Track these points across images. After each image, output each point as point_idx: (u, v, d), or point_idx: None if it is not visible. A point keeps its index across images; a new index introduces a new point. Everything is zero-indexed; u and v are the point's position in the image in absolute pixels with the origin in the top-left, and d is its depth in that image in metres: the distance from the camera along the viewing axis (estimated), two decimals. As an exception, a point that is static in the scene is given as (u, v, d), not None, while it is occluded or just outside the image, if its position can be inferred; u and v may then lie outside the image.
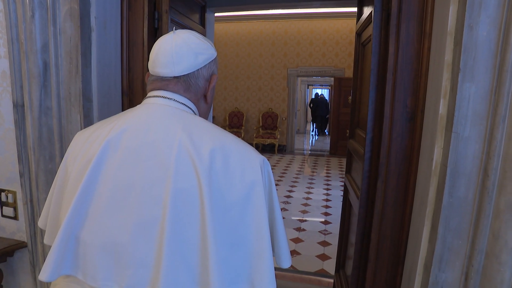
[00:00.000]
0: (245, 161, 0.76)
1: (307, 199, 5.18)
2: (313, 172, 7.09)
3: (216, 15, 3.58)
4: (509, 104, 0.97)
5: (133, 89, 1.72)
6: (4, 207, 1.74)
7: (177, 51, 0.83)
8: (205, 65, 0.87)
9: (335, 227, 3.92)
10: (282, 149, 9.05)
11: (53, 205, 0.86)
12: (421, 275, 1.21)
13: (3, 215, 1.75)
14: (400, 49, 1.32)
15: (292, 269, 3.02)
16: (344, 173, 2.40)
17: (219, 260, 0.71)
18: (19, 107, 1.58)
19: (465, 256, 1.08)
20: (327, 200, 5.15)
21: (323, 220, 4.31)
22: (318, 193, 5.49)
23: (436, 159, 1.14)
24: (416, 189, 1.34)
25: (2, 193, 1.72)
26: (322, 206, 4.86)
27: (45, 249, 1.65)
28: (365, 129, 1.52)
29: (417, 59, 1.31)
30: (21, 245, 1.71)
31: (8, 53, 1.56)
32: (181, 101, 0.84)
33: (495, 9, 0.95)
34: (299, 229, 3.98)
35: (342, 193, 2.71)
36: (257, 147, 8.79)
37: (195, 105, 0.88)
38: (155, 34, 1.72)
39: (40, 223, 0.93)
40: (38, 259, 1.69)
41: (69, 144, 1.56)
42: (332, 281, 2.66)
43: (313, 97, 14.57)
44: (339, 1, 4.76)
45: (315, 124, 14.28)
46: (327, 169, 7.36)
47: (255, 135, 8.74)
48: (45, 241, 0.89)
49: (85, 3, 1.46)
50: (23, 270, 1.78)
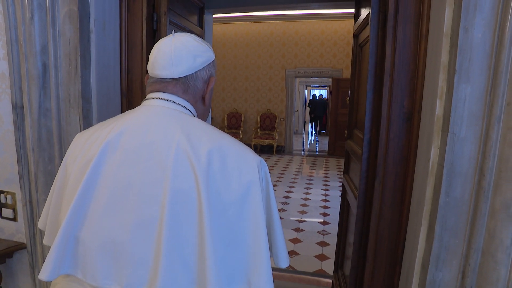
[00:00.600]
0: (242, 162, 0.77)
1: (306, 199, 5.19)
2: (311, 172, 7.10)
3: (214, 16, 3.59)
4: (504, 104, 0.98)
5: (132, 91, 1.72)
6: (3, 209, 1.74)
7: (176, 53, 0.84)
8: (204, 67, 0.88)
9: (333, 228, 3.93)
10: (280, 150, 9.06)
11: (53, 205, 0.87)
12: (419, 274, 1.22)
13: (2, 217, 1.75)
14: (397, 51, 1.33)
15: (290, 270, 3.03)
16: (342, 173, 2.41)
17: (217, 260, 0.71)
18: (18, 109, 1.58)
19: (462, 255, 1.09)
20: (326, 200, 5.16)
21: (321, 220, 4.33)
22: (316, 194, 5.50)
23: (432, 159, 1.15)
24: (413, 189, 1.35)
25: (1, 195, 1.72)
26: (320, 206, 4.88)
27: (45, 251, 1.65)
28: (363, 130, 1.53)
29: (414, 61, 1.32)
30: (20, 247, 1.71)
31: (7, 55, 1.57)
32: (179, 103, 0.85)
33: (490, 12, 0.97)
34: (297, 230, 3.99)
35: (340, 193, 2.72)
36: (256, 148, 8.80)
37: (193, 106, 0.89)
38: (153, 35, 1.73)
39: (39, 224, 0.93)
40: (37, 261, 1.69)
41: (69, 145, 1.56)
42: (330, 281, 2.67)
43: (311, 98, 14.63)
44: (336, 2, 4.78)
45: (313, 124, 14.34)
46: (325, 170, 7.37)
47: (253, 136, 8.75)
48: (45, 242, 0.89)
49: (84, 5, 1.47)
50: (22, 271, 1.78)
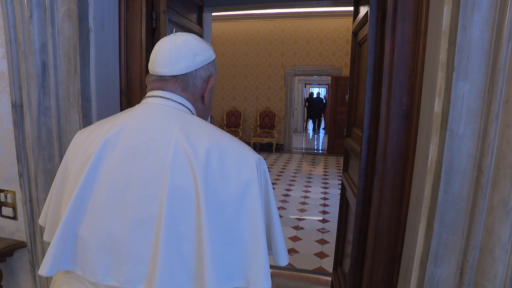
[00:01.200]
0: (241, 160, 0.77)
1: (305, 197, 5.20)
2: (310, 170, 7.11)
3: (213, 14, 3.59)
4: (502, 102, 0.99)
5: (131, 89, 1.72)
6: (3, 207, 1.74)
7: (176, 51, 0.85)
8: (203, 66, 0.89)
9: (333, 225, 3.95)
10: (279, 148, 9.07)
11: (53, 202, 0.88)
12: (417, 271, 1.22)
13: (2, 215, 1.76)
14: (395, 49, 1.33)
15: (290, 267, 3.04)
16: (341, 171, 2.42)
17: (215, 257, 0.72)
18: (17, 108, 1.58)
19: (460, 251, 1.10)
20: (325, 198, 5.17)
21: (321, 218, 4.34)
22: (316, 192, 5.51)
23: (431, 156, 1.16)
24: (412, 186, 1.35)
25: (1, 193, 1.73)
26: (320, 204, 4.89)
27: (44, 249, 1.66)
28: (362, 128, 1.54)
29: (413, 59, 1.33)
30: (21, 245, 1.72)
31: (6, 54, 1.57)
32: (178, 101, 0.85)
33: (488, 10, 0.97)
34: (297, 228, 4.00)
35: (339, 191, 2.73)
36: (255, 146, 8.80)
37: (192, 105, 0.89)
38: (153, 34, 1.73)
39: (40, 221, 0.94)
40: (37, 259, 1.70)
41: (68, 144, 1.56)
42: (330, 279, 2.68)
43: (307, 96, 14.60)
44: (335, 0, 4.78)
45: (313, 122, 14.39)
46: (324, 168, 7.38)
47: (252, 134, 8.75)
48: (45, 238, 0.90)
49: (83, 4, 1.47)
50: (22, 270, 1.78)
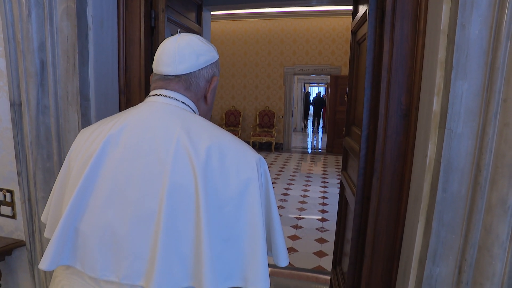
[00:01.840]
0: (241, 159, 0.78)
1: (304, 196, 5.20)
2: (310, 170, 7.12)
3: (212, 13, 3.58)
4: (501, 101, 0.99)
5: (130, 88, 1.72)
6: (2, 206, 1.74)
7: (180, 51, 0.87)
8: (206, 66, 0.90)
9: (332, 224, 3.95)
10: (279, 147, 9.07)
11: (55, 199, 0.89)
12: (416, 269, 1.23)
13: (1, 214, 1.76)
14: (394, 47, 1.33)
15: (289, 266, 3.04)
16: (340, 170, 2.42)
17: (213, 255, 0.72)
18: (16, 106, 1.58)
19: (459, 250, 1.10)
20: (324, 197, 5.18)
21: (320, 217, 4.34)
22: (315, 191, 5.52)
23: (430, 155, 1.16)
24: (410, 185, 1.36)
25: (0, 192, 1.73)
26: (319, 203, 4.89)
27: (43, 247, 1.66)
28: (361, 127, 1.54)
29: (411, 57, 1.33)
30: (20, 244, 1.72)
31: (4, 52, 1.56)
32: (181, 100, 0.87)
33: (487, 9, 0.97)
34: (296, 227, 4.00)
35: (339, 190, 2.74)
36: (254, 145, 8.80)
37: (195, 104, 0.90)
38: (151, 32, 1.72)
39: (42, 218, 0.95)
40: (36, 258, 1.70)
41: (67, 142, 1.56)
42: (329, 277, 2.69)
43: (310, 96, 14.76)
44: (335, -1, 4.78)
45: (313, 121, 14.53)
46: (324, 167, 7.39)
47: (252, 134, 8.75)
48: (46, 235, 0.91)
49: (81, 2, 1.47)
50: (21, 268, 1.78)
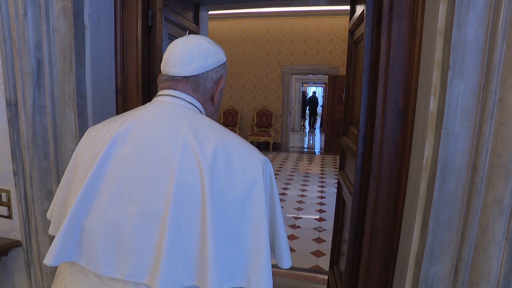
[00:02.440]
0: (247, 160, 0.79)
1: (302, 196, 5.21)
2: (307, 169, 7.12)
3: (210, 13, 3.57)
4: (497, 100, 0.99)
5: (127, 87, 1.72)
6: (-2, 206, 1.73)
7: (189, 52, 0.88)
8: (214, 68, 0.92)
9: (329, 224, 3.96)
10: (276, 147, 9.07)
11: (60, 196, 0.89)
12: (413, 269, 1.23)
13: (-3, 214, 1.75)
14: (391, 47, 1.34)
15: (287, 266, 3.04)
16: (338, 170, 2.43)
17: (217, 255, 0.73)
18: (12, 106, 1.57)
19: (455, 249, 1.11)
20: (322, 197, 5.19)
21: (317, 217, 4.35)
22: (312, 191, 5.52)
23: (426, 155, 1.16)
24: (407, 185, 1.36)
25: (-5, 192, 1.72)
26: (316, 203, 4.90)
27: (40, 248, 1.65)
28: (358, 126, 1.54)
29: (408, 57, 1.33)
30: (16, 244, 1.71)
31: (0, 52, 1.55)
32: (188, 100, 0.88)
33: (483, 9, 0.97)
34: (294, 226, 4.01)
35: (336, 190, 2.75)
36: (252, 145, 8.79)
37: (202, 105, 0.92)
38: (149, 32, 1.72)
39: (48, 214, 0.95)
40: (33, 258, 1.69)
41: (64, 142, 1.56)
42: (326, 277, 2.69)
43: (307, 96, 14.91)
44: (332, -1, 4.79)
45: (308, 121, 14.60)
46: (321, 167, 7.40)
47: (249, 133, 8.75)
48: (50, 231, 0.91)
49: (78, 1, 1.46)
50: (17, 269, 1.77)
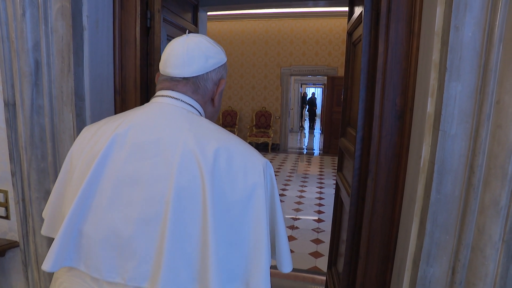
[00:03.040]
0: (248, 163, 0.78)
1: (300, 197, 5.21)
2: (306, 170, 7.13)
3: (208, 14, 3.58)
4: (494, 102, 1.00)
5: (125, 88, 1.72)
6: (-5, 207, 1.73)
7: (189, 53, 0.85)
8: (215, 69, 0.89)
9: (328, 225, 3.96)
10: (275, 148, 9.08)
11: (55, 197, 0.87)
12: (410, 270, 1.23)
13: (-6, 215, 1.74)
14: (389, 49, 1.34)
15: (285, 267, 3.04)
16: (336, 171, 2.43)
17: (218, 258, 0.72)
18: (10, 106, 1.57)
19: (452, 251, 1.11)
20: (320, 198, 5.19)
21: (316, 218, 4.35)
22: (311, 192, 5.52)
23: (424, 156, 1.17)
24: (405, 186, 1.36)
25: (-7, 193, 1.71)
26: (315, 204, 4.90)
27: (38, 249, 1.65)
28: (356, 128, 1.54)
29: (406, 59, 1.33)
30: (13, 245, 1.70)
31: (-2, 52, 1.55)
32: (188, 102, 0.86)
33: (480, 11, 0.98)
34: (292, 227, 4.01)
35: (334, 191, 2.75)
36: (252, 146, 8.80)
37: (202, 107, 0.90)
38: (147, 33, 1.72)
39: (44, 213, 0.94)
40: (30, 259, 1.68)
41: (62, 143, 1.55)
42: (325, 278, 2.69)
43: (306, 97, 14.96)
44: (331, 0, 4.79)
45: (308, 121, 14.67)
46: (320, 168, 7.40)
47: (248, 134, 8.75)
48: (42, 232, 0.89)
49: (76, 2, 1.46)
50: (15, 269, 1.76)
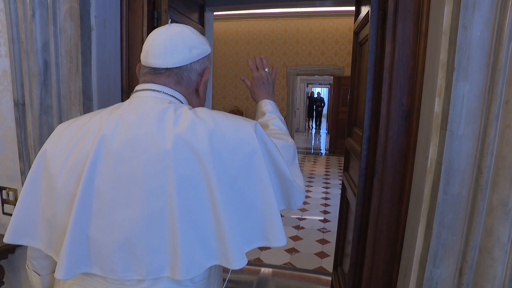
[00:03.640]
0: (241, 132, 0.78)
1: (306, 197, 5.19)
2: (312, 170, 7.11)
3: (215, 14, 3.58)
4: (502, 102, 0.98)
5: (132, 88, 1.71)
6: (5, 205, 1.75)
7: (172, 43, 0.83)
8: (198, 60, 0.87)
9: (334, 225, 3.94)
10: (281, 148, 9.05)
11: (27, 201, 0.82)
12: (417, 271, 1.22)
13: (4, 213, 1.77)
14: (396, 49, 1.33)
15: (291, 267, 3.04)
16: (342, 171, 2.42)
17: (234, 231, 0.74)
18: (19, 106, 1.59)
19: (459, 252, 1.10)
20: (326, 198, 5.17)
21: (322, 218, 4.34)
22: (317, 192, 5.51)
23: (431, 157, 1.16)
24: (411, 187, 1.35)
25: (3, 191, 1.74)
26: (321, 204, 4.88)
27: (46, 246, 1.67)
28: (362, 127, 1.53)
29: (413, 58, 1.32)
30: (22, 242, 1.73)
31: (8, 52, 1.58)
32: (171, 94, 0.84)
33: (488, 10, 0.97)
34: (298, 227, 4.00)
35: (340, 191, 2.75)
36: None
37: (186, 98, 0.88)
38: (154, 33, 1.73)
39: (12, 219, 0.84)
40: (38, 256, 1.71)
41: None
42: (330, 278, 2.68)
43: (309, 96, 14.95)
44: (337, 0, 4.77)
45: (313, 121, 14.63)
46: (326, 168, 7.37)
47: (254, 134, 8.74)
48: (6, 239, 0.83)
49: (85, 2, 1.47)
50: (24, 266, 1.79)
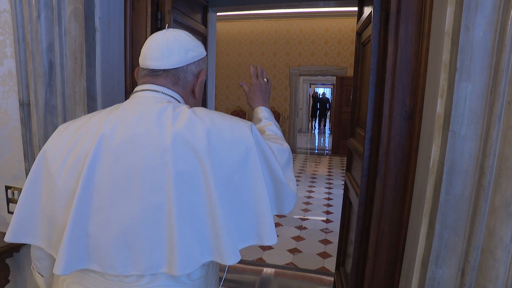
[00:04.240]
0: (237, 131, 0.81)
1: (309, 197, 5.19)
2: (315, 171, 7.10)
3: (218, 14, 3.60)
4: (505, 103, 0.98)
5: (136, 88, 1.74)
6: (10, 204, 1.77)
7: (169, 45, 0.88)
8: (194, 62, 0.92)
9: (336, 226, 3.94)
10: (284, 148, 9.05)
11: (28, 200, 0.85)
12: (419, 271, 1.23)
13: (9, 212, 1.79)
14: (399, 49, 1.33)
15: (293, 267, 3.05)
16: (345, 172, 2.43)
17: (229, 228, 0.77)
18: (25, 106, 1.61)
19: (462, 252, 1.10)
20: (329, 199, 5.16)
21: (324, 218, 4.33)
22: (319, 192, 5.50)
23: (433, 157, 1.16)
24: (414, 187, 1.35)
25: (8, 190, 1.76)
26: (323, 204, 4.88)
27: (50, 245, 1.68)
28: (365, 128, 1.54)
29: (416, 59, 1.32)
30: (27, 241, 1.74)
31: (14, 53, 1.59)
32: (169, 94, 0.88)
33: (491, 11, 0.97)
34: (300, 228, 4.00)
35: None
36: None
37: (183, 98, 0.92)
38: (158, 34, 1.74)
39: (13, 218, 0.86)
40: (43, 255, 1.72)
41: None
42: (332, 279, 2.68)
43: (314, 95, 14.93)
44: (340, 0, 4.78)
45: (318, 121, 14.62)
46: (329, 168, 7.37)
47: (257, 134, 8.75)
48: (7, 238, 0.84)
49: (89, 4, 1.49)
50: (29, 265, 1.81)
